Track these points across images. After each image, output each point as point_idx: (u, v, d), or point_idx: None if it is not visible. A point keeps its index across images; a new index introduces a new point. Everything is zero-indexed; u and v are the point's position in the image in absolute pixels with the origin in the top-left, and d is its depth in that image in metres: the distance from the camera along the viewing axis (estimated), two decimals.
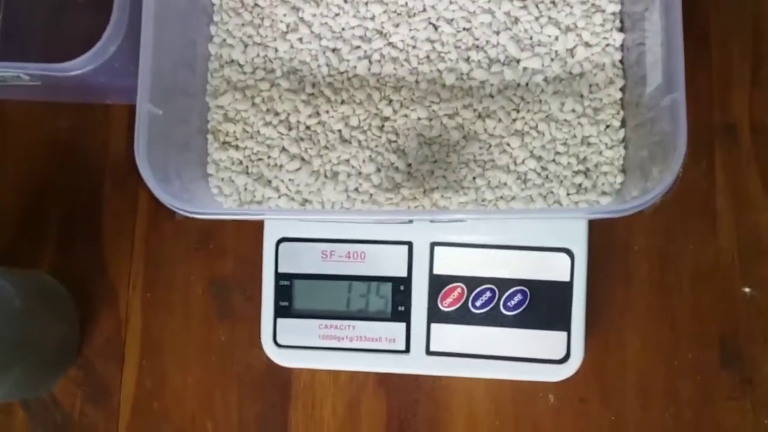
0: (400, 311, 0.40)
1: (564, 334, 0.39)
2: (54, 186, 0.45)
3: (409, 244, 0.40)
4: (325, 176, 0.38)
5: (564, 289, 0.39)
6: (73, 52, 0.45)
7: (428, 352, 0.40)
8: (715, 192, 0.42)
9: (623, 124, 0.38)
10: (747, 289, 0.41)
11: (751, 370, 0.40)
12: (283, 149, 0.39)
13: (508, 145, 0.38)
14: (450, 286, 0.40)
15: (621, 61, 0.38)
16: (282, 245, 0.41)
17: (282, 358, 0.41)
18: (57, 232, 0.45)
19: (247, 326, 0.43)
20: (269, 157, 0.39)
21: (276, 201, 0.38)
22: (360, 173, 0.38)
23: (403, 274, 0.40)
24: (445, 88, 0.39)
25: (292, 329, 0.41)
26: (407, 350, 0.40)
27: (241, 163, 0.39)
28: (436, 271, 0.40)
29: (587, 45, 0.38)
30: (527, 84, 0.38)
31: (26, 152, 0.46)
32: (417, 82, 0.39)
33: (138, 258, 0.45)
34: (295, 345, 0.41)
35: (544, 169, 0.37)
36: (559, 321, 0.39)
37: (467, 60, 0.39)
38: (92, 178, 0.45)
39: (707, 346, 0.41)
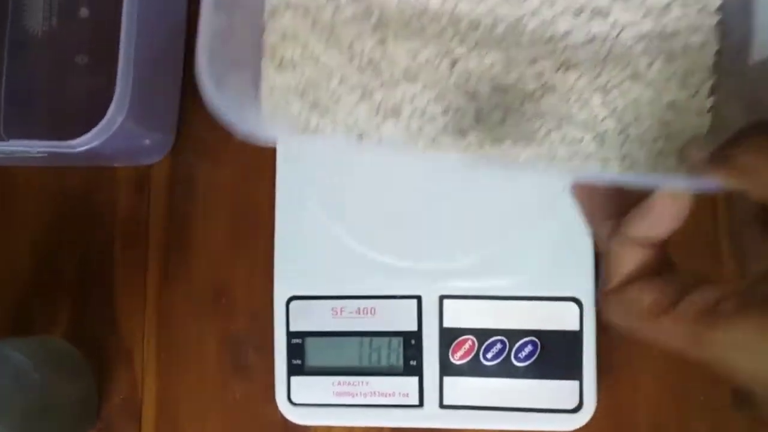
0: (412, 365, 0.41)
1: (576, 383, 0.40)
2: (65, 249, 0.46)
3: (418, 298, 0.41)
4: (386, 113, 0.34)
5: (574, 338, 0.40)
6: (78, 116, 0.46)
7: (441, 406, 0.40)
8: (718, 234, 0.42)
9: (712, 91, 0.35)
10: None
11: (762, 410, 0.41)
12: (343, 79, 0.35)
13: (589, 100, 0.35)
14: (460, 338, 0.40)
15: (719, 23, 0.35)
16: (293, 303, 0.42)
17: (297, 416, 0.41)
18: (70, 294, 0.46)
19: (262, 382, 0.43)
20: (327, 85, 0.35)
21: (331, 131, 0.34)
22: (424, 113, 0.34)
23: (414, 328, 0.41)
24: (525, 33, 0.35)
25: (306, 387, 0.41)
26: (421, 404, 0.40)
27: (296, 88, 0.35)
28: (446, 324, 0.41)
29: (684, 4, 0.35)
30: (616, 37, 0.35)
31: (37, 217, 0.46)
32: (494, 24, 0.36)
33: (150, 317, 0.45)
34: (309, 402, 0.41)
35: (623, 130, 0.34)
36: (571, 370, 0.40)
37: (551, 5, 0.35)
38: (102, 239, 0.46)
39: (719, 388, 0.41)
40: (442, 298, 0.41)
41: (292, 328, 0.42)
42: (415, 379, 0.41)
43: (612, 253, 0.25)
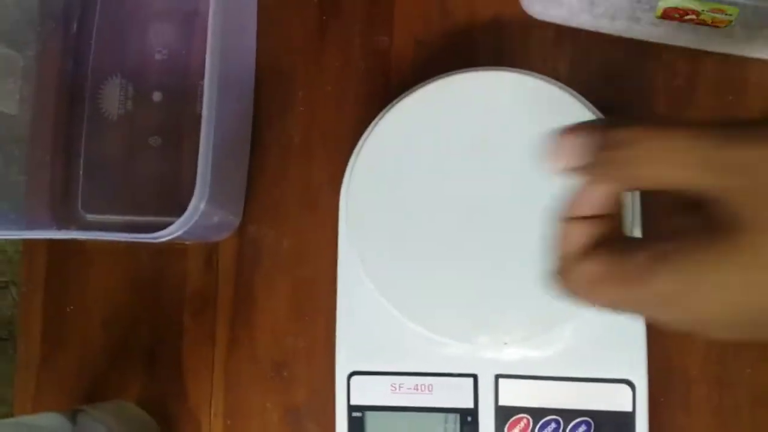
0: None
1: None
2: (138, 321, 0.49)
3: (475, 377, 0.43)
4: None
5: (627, 419, 0.41)
6: (152, 194, 0.49)
7: None
8: None
9: None
10: None
11: None
12: None
13: None
14: (516, 417, 0.42)
15: None
16: (353, 378, 0.44)
17: None
18: (142, 363, 0.48)
19: None
20: None
21: None
22: None
23: (470, 405, 0.43)
24: None
25: None
26: None
27: None
28: (501, 403, 0.42)
29: None
30: None
31: (111, 291, 0.49)
32: None
33: (217, 386, 0.48)
34: None
35: None
36: None
37: None
38: (172, 311, 0.48)
39: None
40: (497, 377, 0.42)
41: (353, 402, 0.44)
42: None
43: (559, 234, 0.28)
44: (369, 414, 0.43)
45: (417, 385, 0.43)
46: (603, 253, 0.26)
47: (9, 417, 0.43)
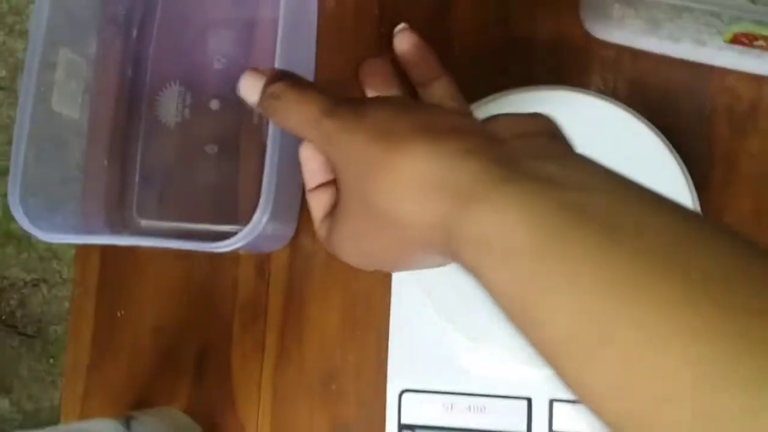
0: None
1: None
2: (188, 328, 0.49)
3: (529, 400, 0.42)
4: None
5: None
6: (207, 201, 0.49)
7: None
8: None
9: None
10: None
11: None
12: None
13: None
14: None
15: None
16: (405, 396, 0.44)
17: None
18: (191, 371, 0.48)
19: None
20: None
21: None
22: None
23: (523, 429, 0.42)
24: None
25: None
26: None
27: None
28: (555, 428, 0.42)
29: None
30: None
31: (162, 296, 0.49)
32: None
33: (265, 397, 0.48)
34: None
35: None
36: None
37: None
38: (222, 320, 0.49)
39: None
40: (552, 401, 0.42)
41: (404, 421, 0.43)
42: None
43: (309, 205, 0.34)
44: None
45: (470, 405, 0.43)
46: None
47: (37, 415, 0.43)
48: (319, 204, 0.33)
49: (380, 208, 0.26)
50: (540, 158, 0.24)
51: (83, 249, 0.50)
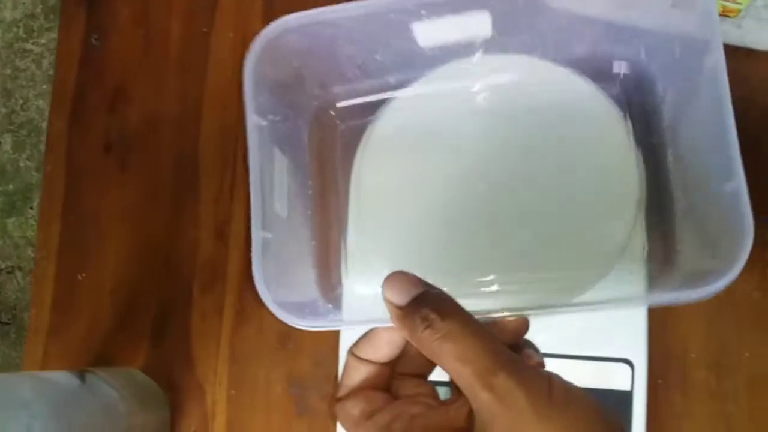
0: None
1: None
2: (148, 290, 0.50)
3: None
4: None
5: (625, 398, 0.42)
6: None
7: None
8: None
9: None
10: None
11: None
12: None
13: None
14: None
15: None
16: None
17: None
18: (150, 332, 0.49)
19: (324, 424, 0.46)
20: None
21: None
22: None
23: None
24: None
25: None
26: None
27: None
28: None
29: None
30: None
31: (122, 259, 0.50)
32: None
33: (223, 357, 0.48)
34: None
35: None
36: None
37: None
38: (182, 282, 0.49)
39: None
40: None
41: None
42: None
43: (345, 367, 0.31)
44: None
45: None
46: (376, 400, 0.29)
47: None
48: (359, 375, 0.30)
49: None
50: None
51: (45, 213, 0.51)
